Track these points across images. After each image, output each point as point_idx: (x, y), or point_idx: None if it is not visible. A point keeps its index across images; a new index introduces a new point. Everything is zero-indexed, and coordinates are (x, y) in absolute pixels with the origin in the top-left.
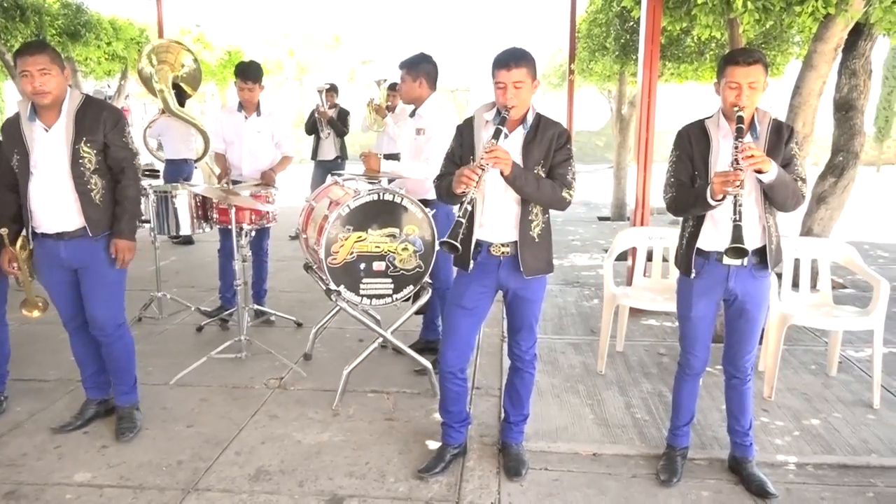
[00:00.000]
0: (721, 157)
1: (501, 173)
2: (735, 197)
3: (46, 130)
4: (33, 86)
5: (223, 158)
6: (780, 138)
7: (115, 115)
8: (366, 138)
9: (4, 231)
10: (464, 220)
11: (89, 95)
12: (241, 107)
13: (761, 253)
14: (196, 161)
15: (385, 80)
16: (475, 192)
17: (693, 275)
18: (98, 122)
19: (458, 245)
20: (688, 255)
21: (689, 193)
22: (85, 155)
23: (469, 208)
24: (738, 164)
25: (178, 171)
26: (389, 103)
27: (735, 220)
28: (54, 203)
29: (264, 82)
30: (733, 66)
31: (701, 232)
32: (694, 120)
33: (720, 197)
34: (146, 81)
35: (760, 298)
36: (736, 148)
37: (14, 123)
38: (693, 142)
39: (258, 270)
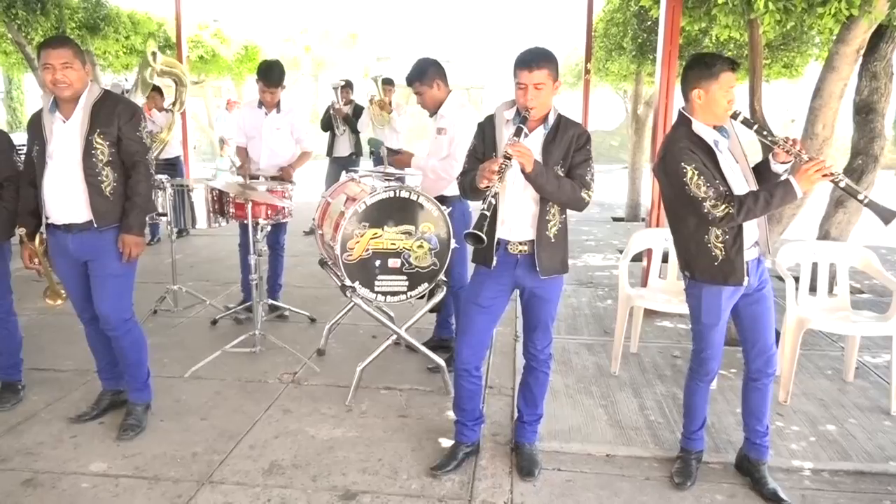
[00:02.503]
0: (726, 159)
1: (523, 171)
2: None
3: (64, 122)
4: (54, 77)
5: (244, 151)
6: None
7: (130, 109)
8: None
9: (22, 231)
10: (488, 214)
11: (108, 90)
12: (261, 103)
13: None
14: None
15: (379, 76)
16: (498, 186)
17: (746, 281)
18: (113, 116)
19: (483, 236)
20: (738, 264)
21: (766, 192)
22: (98, 146)
23: (493, 202)
24: None
25: (180, 167)
26: (387, 98)
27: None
28: (65, 193)
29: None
30: (729, 72)
31: (744, 237)
32: (675, 139)
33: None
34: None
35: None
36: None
37: (37, 116)
38: (697, 151)
39: (274, 265)
